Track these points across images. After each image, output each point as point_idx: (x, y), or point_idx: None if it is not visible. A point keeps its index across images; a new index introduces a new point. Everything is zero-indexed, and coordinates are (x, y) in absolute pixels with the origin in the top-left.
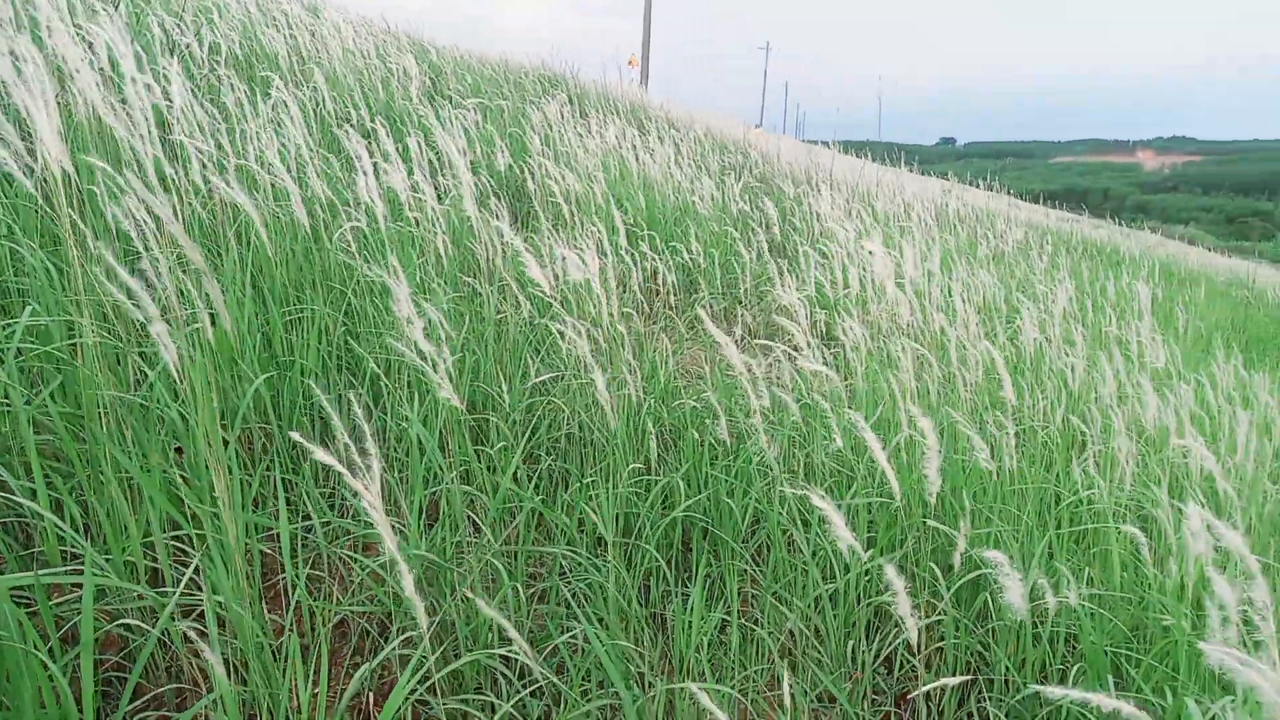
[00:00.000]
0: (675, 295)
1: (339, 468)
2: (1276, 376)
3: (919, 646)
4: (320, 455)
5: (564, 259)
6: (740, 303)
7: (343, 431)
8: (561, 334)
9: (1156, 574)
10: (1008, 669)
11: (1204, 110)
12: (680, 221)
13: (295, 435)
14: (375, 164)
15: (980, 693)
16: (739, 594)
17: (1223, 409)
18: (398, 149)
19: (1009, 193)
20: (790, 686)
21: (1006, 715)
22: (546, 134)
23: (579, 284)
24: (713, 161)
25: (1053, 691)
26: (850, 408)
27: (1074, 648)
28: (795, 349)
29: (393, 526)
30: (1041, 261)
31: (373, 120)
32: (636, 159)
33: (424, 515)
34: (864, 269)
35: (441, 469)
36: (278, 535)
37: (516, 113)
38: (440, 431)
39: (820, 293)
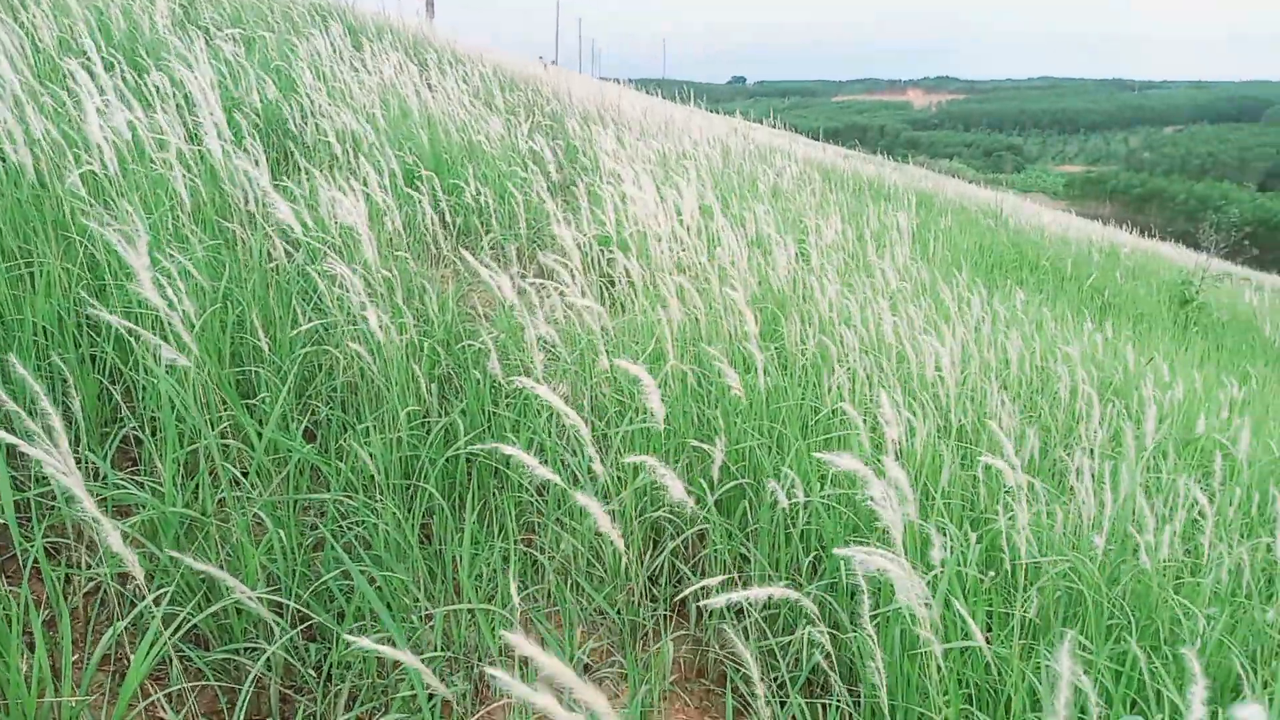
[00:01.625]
0: (466, 237)
1: (11, 439)
2: (1009, 294)
3: (690, 555)
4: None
5: (332, 201)
6: (536, 243)
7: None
8: (333, 279)
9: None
10: (764, 567)
11: (966, 51)
12: (466, 162)
13: None
14: (107, 101)
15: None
16: (527, 525)
17: (953, 321)
18: (143, 83)
19: (794, 129)
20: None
21: (763, 609)
22: (317, 68)
23: (353, 228)
24: (501, 99)
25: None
26: (630, 342)
27: (823, 545)
28: (566, 287)
29: (147, 486)
30: (814, 197)
31: (109, 52)
32: (417, 96)
33: (181, 472)
34: (645, 207)
35: (200, 426)
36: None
37: (284, 44)
38: (201, 386)
39: (605, 232)
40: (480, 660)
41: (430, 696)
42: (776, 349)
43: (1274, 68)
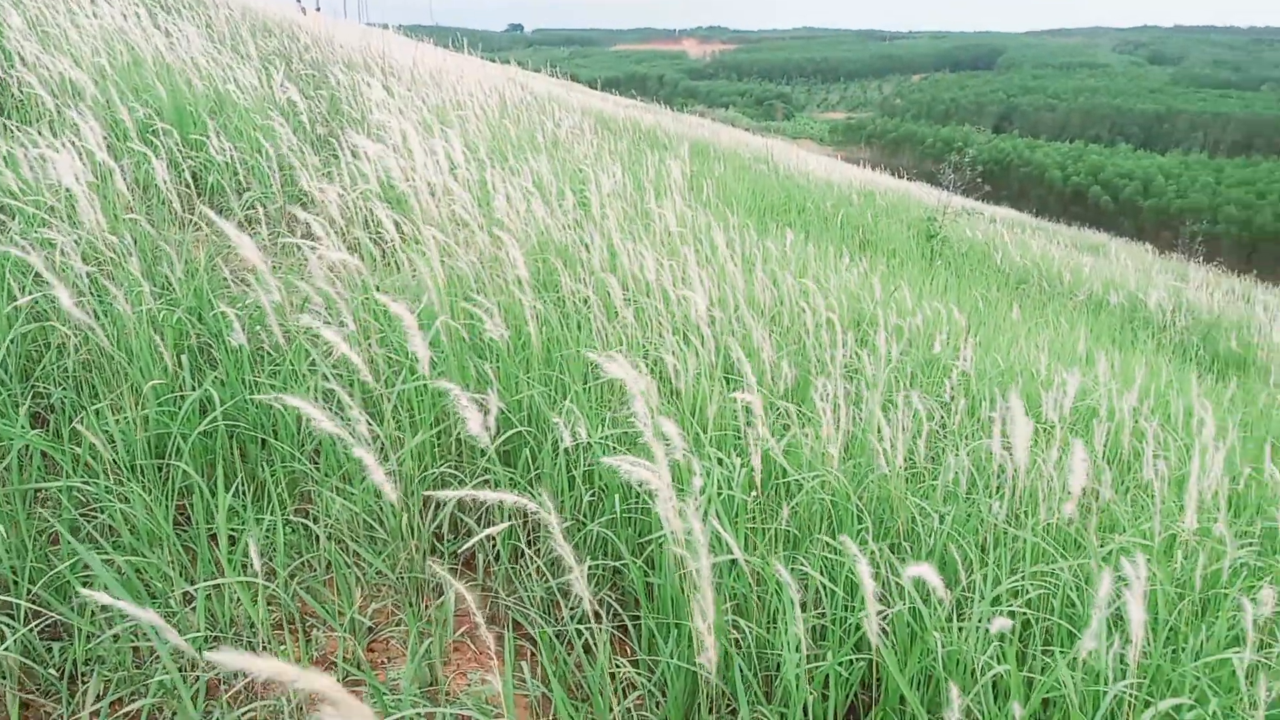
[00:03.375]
0: (221, 197)
1: None
2: (779, 235)
3: (473, 510)
4: None
5: (41, 159)
6: (299, 201)
7: None
8: (53, 246)
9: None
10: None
11: (736, 2)
12: (214, 114)
13: None
14: None
15: (537, 537)
16: (302, 494)
17: (724, 263)
18: None
19: (573, 79)
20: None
21: (547, 554)
22: (24, 13)
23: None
24: (254, 46)
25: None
26: (401, 299)
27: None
28: (324, 245)
29: None
30: (594, 147)
31: None
32: (147, 42)
33: None
34: (415, 160)
35: None
36: None
37: None
38: None
39: (373, 187)
40: (253, 639)
41: (197, 680)
42: (556, 299)
43: (1004, 19)
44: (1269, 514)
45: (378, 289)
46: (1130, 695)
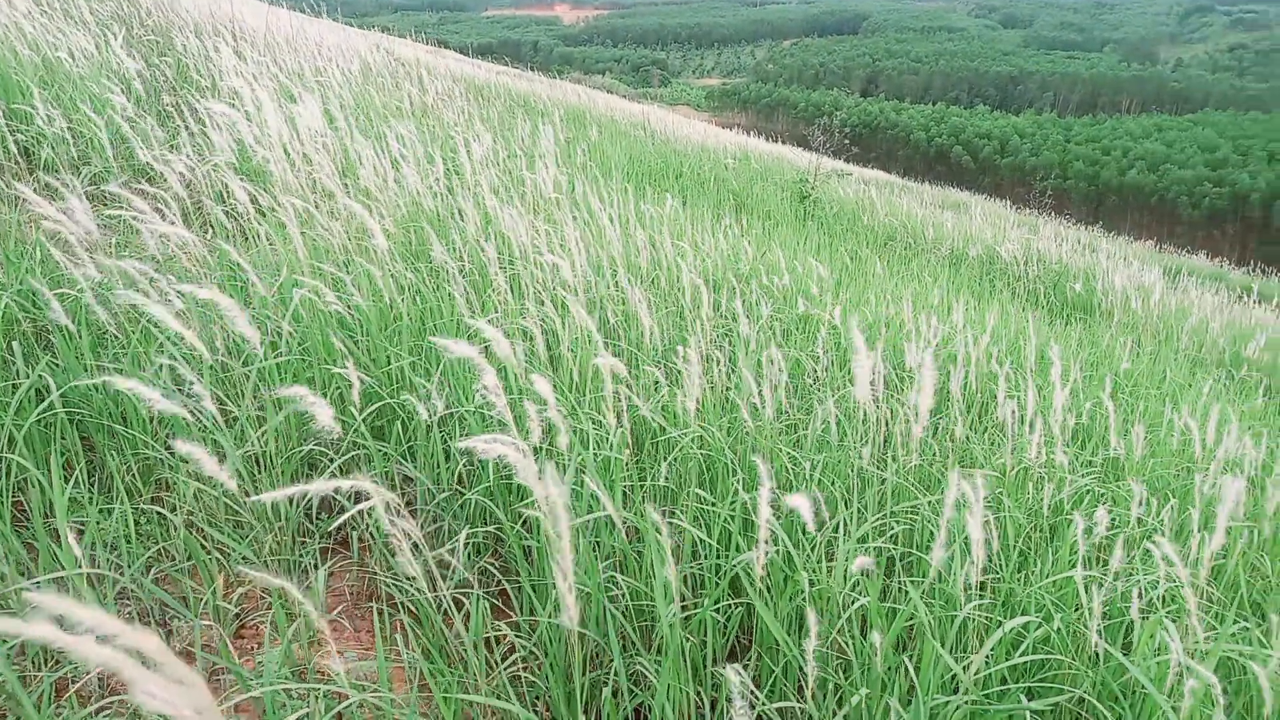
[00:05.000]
0: (57, 174)
1: None
2: (656, 200)
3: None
4: None
5: None
6: (144, 174)
7: None
8: None
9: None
10: (424, 482)
11: None
12: (45, 84)
13: None
14: None
15: (414, 508)
16: (159, 482)
17: (601, 229)
18: None
19: (443, 45)
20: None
21: (434, 520)
22: None
23: None
24: (88, 9)
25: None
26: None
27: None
28: (166, 220)
29: None
30: (465, 114)
31: None
32: None
33: None
34: (271, 129)
35: None
36: None
37: None
38: None
39: (227, 158)
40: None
41: (42, 682)
42: (430, 269)
43: None
44: (1109, 444)
45: (236, 264)
46: (984, 617)
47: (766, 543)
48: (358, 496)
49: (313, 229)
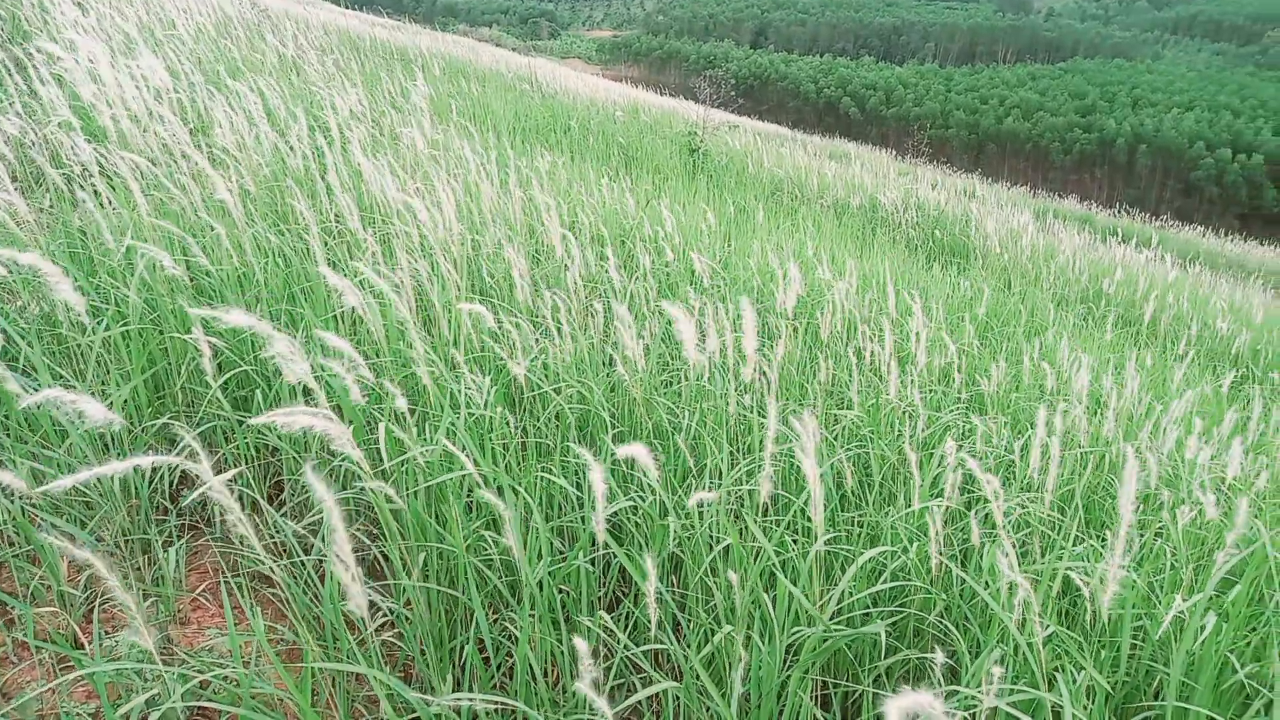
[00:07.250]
0: None
1: None
2: (540, 156)
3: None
4: None
5: None
6: None
7: None
8: None
9: None
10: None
11: None
12: None
13: None
14: None
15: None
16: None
17: (477, 185)
18: None
19: None
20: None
21: (305, 489)
22: None
23: None
24: None
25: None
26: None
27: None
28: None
29: None
30: (336, 68)
31: None
32: None
33: None
34: (114, 86)
35: None
36: None
37: None
38: None
39: (64, 117)
40: None
41: None
42: (296, 230)
43: None
44: (975, 382)
45: (81, 229)
46: (849, 551)
47: (604, 498)
48: (221, 467)
49: (162, 191)
